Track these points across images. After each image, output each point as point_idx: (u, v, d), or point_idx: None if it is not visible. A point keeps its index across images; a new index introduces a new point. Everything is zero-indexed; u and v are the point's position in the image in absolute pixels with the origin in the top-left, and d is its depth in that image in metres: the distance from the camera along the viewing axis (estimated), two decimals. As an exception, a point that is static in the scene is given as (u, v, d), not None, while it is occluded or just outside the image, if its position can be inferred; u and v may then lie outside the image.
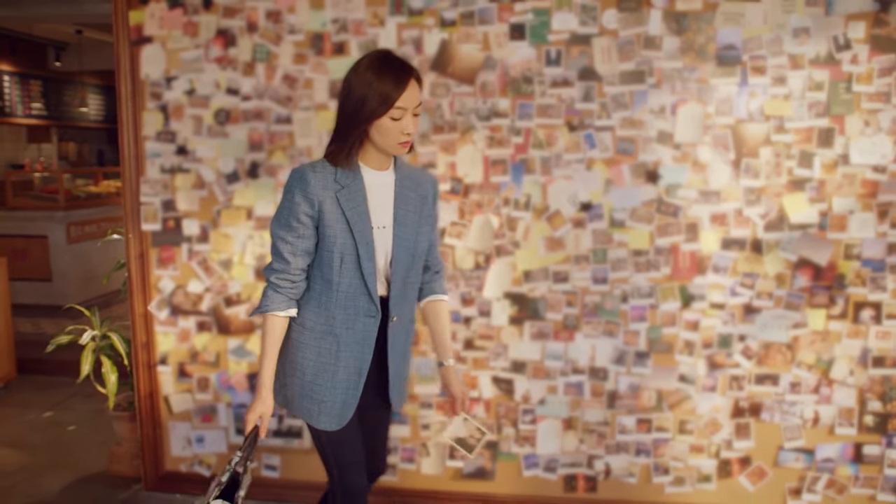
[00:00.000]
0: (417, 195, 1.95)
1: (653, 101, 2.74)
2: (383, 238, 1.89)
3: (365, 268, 1.85)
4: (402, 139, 1.81)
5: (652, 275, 2.81)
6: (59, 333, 3.42)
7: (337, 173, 1.85)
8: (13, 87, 8.61)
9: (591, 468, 2.94)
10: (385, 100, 1.75)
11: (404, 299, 1.97)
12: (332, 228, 1.84)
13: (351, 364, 1.91)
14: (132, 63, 2.94)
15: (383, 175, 1.91)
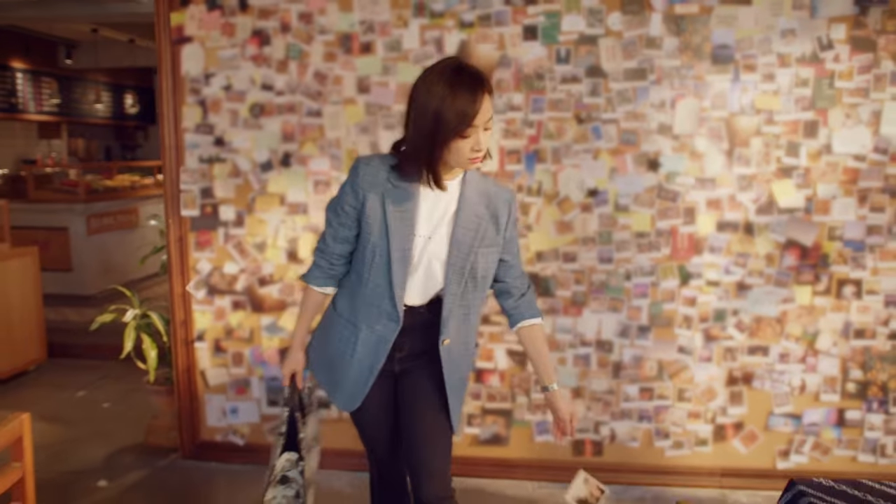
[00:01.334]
0: (486, 213, 1.86)
1: (654, 96, 3.00)
2: (424, 248, 1.83)
3: (395, 272, 1.80)
4: (473, 156, 1.72)
5: (653, 255, 3.07)
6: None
7: (390, 171, 1.81)
8: (26, 84, 8.83)
9: (597, 433, 3.20)
10: (462, 118, 1.65)
11: (462, 323, 1.90)
12: (371, 225, 1.81)
13: (364, 361, 1.90)
14: (173, 61, 3.18)
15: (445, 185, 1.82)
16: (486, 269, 1.88)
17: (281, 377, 2.11)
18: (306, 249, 3.19)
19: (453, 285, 1.84)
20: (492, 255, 1.88)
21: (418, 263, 1.83)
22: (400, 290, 1.81)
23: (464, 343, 1.94)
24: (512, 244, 1.96)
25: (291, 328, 3.26)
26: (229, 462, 3.39)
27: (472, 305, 1.90)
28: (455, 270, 1.83)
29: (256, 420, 3.37)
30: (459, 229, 1.82)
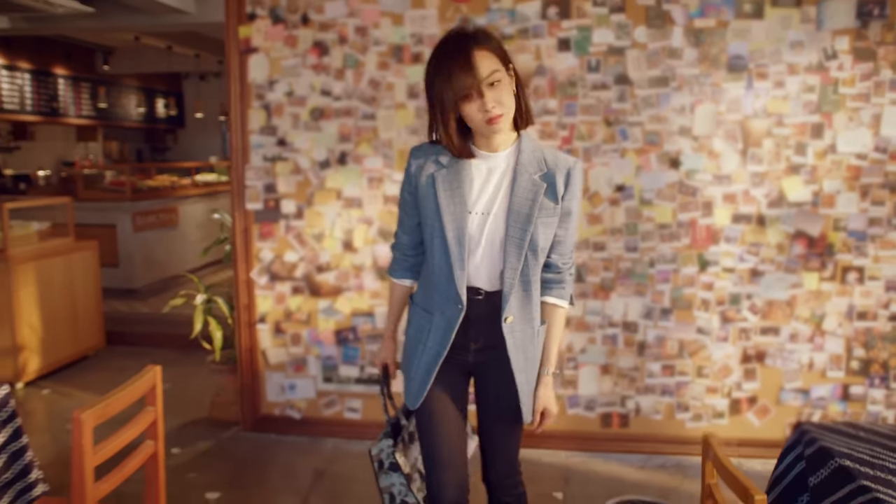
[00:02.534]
0: (542, 181, 1.77)
1: (675, 101, 3.33)
2: (484, 225, 1.78)
3: (452, 252, 1.77)
4: (486, 115, 1.68)
5: (674, 244, 3.40)
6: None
7: (441, 152, 1.81)
8: (67, 90, 9.24)
9: (623, 407, 3.52)
10: (450, 83, 1.67)
11: (523, 299, 1.83)
12: (425, 208, 1.82)
13: (433, 347, 1.85)
14: (241, 69, 3.54)
15: (496, 157, 1.80)
16: (545, 242, 1.80)
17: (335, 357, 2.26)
18: (360, 239, 3.54)
19: (512, 259, 1.76)
20: (550, 228, 1.80)
21: (478, 242, 1.78)
22: (459, 271, 1.77)
23: (528, 320, 1.85)
24: (568, 218, 1.83)
25: (346, 311, 3.61)
26: (286, 434, 3.73)
27: (532, 280, 1.82)
28: (514, 243, 1.76)
29: (312, 395, 3.71)
30: (516, 199, 1.75)
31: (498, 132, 1.74)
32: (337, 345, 3.63)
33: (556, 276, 1.89)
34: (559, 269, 1.88)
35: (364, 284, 3.57)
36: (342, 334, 3.62)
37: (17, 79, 8.34)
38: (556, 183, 1.78)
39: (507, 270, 1.78)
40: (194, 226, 7.81)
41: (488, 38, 1.72)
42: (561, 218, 1.82)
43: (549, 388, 1.94)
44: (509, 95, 1.71)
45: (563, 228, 1.84)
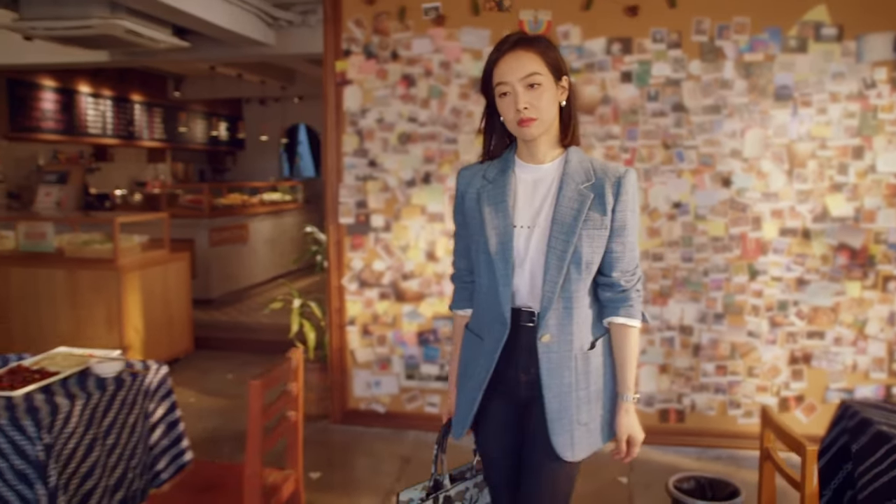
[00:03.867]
0: (590, 192, 1.69)
1: (727, 126, 3.70)
2: (529, 239, 1.71)
3: (497, 268, 1.71)
4: (518, 116, 1.65)
5: (726, 255, 3.75)
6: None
7: (487, 169, 1.79)
8: (142, 115, 9.89)
9: (679, 403, 3.87)
10: (486, 76, 1.70)
11: (565, 317, 1.71)
12: (472, 226, 1.78)
13: (480, 372, 1.78)
14: (337, 99, 4.00)
15: (541, 169, 1.75)
16: (591, 256, 1.69)
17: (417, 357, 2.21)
18: (442, 250, 3.96)
19: (553, 271, 1.67)
20: (598, 241, 1.69)
21: (524, 258, 1.71)
22: (503, 287, 1.70)
23: (567, 341, 1.71)
24: (623, 232, 1.71)
25: (428, 315, 4.03)
26: (371, 426, 4.14)
27: (574, 297, 1.70)
28: (555, 255, 1.66)
29: (396, 391, 4.12)
30: (560, 208, 1.67)
31: (528, 138, 1.69)
32: (419, 345, 4.04)
33: (622, 294, 1.75)
34: (623, 287, 1.75)
35: (444, 291, 3.98)
36: (424, 336, 4.03)
37: (101, 105, 8.99)
38: (604, 193, 1.68)
39: (546, 284, 1.68)
40: (262, 241, 8.32)
41: (541, 43, 1.68)
42: (615, 231, 1.71)
43: (630, 415, 1.78)
44: (549, 104, 1.66)
45: (620, 243, 1.72)
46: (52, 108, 8.20)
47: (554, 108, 1.69)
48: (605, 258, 1.73)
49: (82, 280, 4.90)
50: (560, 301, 1.70)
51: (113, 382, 2.47)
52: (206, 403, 4.66)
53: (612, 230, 1.71)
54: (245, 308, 7.39)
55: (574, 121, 1.77)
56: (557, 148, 1.76)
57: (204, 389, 4.92)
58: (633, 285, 1.77)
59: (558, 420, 1.72)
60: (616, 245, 1.72)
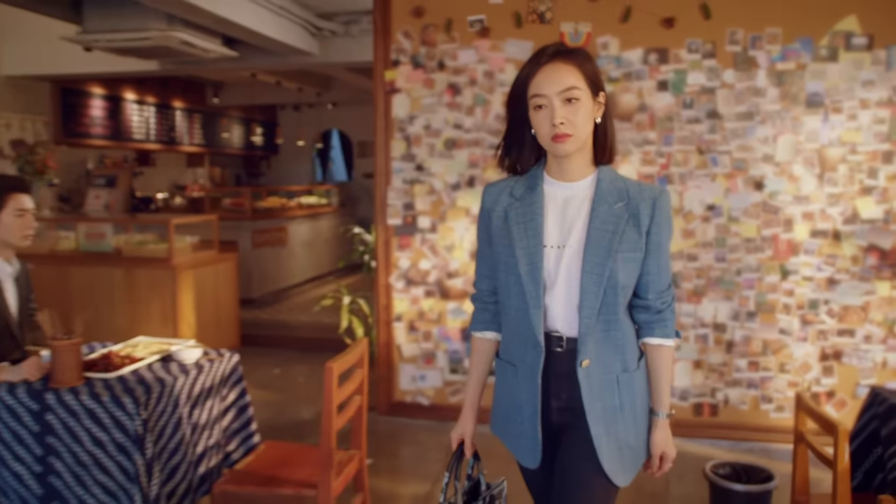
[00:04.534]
0: (624, 212, 1.64)
1: (759, 132, 3.87)
2: (559, 260, 1.65)
3: (527, 289, 1.64)
4: (553, 131, 1.58)
5: (758, 256, 3.92)
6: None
7: (515, 186, 1.73)
8: (182, 121, 10.21)
9: (713, 398, 4.03)
10: (520, 86, 1.64)
11: (603, 340, 1.66)
12: (498, 245, 1.71)
13: (530, 400, 1.70)
14: (386, 107, 4.22)
15: (572, 187, 1.69)
16: (627, 278, 1.65)
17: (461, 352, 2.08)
18: (485, 250, 4.16)
19: (590, 296, 1.62)
20: (633, 263, 1.65)
21: (555, 279, 1.65)
22: (535, 310, 1.64)
23: (607, 365, 1.67)
24: (658, 252, 1.68)
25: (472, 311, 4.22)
26: (416, 418, 4.35)
27: (613, 321, 1.66)
28: (592, 279, 1.61)
29: (440, 385, 4.32)
30: (594, 230, 1.62)
31: (562, 154, 1.63)
32: (462, 341, 4.24)
33: (657, 315, 1.73)
34: (659, 308, 1.72)
35: (487, 289, 4.18)
36: (467, 332, 4.23)
37: (145, 112, 9.32)
38: (639, 214, 1.65)
39: (584, 309, 1.63)
40: (299, 244, 8.59)
41: (579, 55, 1.63)
42: (650, 252, 1.67)
43: (664, 431, 1.77)
44: (585, 120, 1.61)
45: (655, 264, 1.68)
46: (100, 115, 8.53)
47: (590, 124, 1.63)
48: (640, 280, 1.69)
49: (139, 278, 5.17)
50: (598, 325, 1.65)
51: (194, 368, 2.71)
52: (257, 396, 4.89)
53: (646, 251, 1.67)
54: (284, 308, 7.65)
55: (611, 139, 1.71)
56: (590, 166, 1.70)
57: (253, 383, 5.15)
58: (668, 305, 1.74)
59: (606, 445, 1.67)
60: (651, 266, 1.68)
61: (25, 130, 7.48)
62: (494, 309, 1.83)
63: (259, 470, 2.60)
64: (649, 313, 1.73)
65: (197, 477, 2.65)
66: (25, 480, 2.45)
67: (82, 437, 2.40)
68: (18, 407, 2.42)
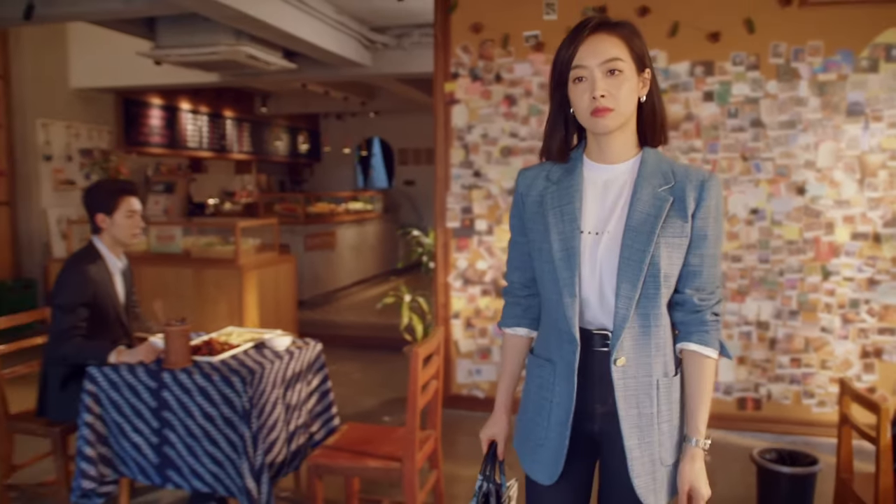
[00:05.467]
0: (667, 195, 1.50)
1: (801, 140, 4.08)
2: (597, 247, 1.52)
3: (562, 279, 1.51)
4: (594, 105, 1.46)
5: (801, 257, 4.12)
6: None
7: (551, 170, 1.60)
8: (232, 129, 10.62)
9: (756, 393, 4.24)
10: (561, 63, 1.52)
11: (641, 337, 1.52)
12: (533, 231, 1.60)
13: (563, 402, 1.56)
14: (445, 117, 4.50)
15: (613, 169, 1.56)
16: (669, 267, 1.50)
17: None
18: (538, 251, 4.41)
19: (626, 285, 1.48)
20: (677, 250, 1.51)
21: (592, 269, 1.52)
22: (569, 299, 1.51)
23: (645, 366, 1.52)
24: (702, 243, 1.52)
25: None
26: (473, 410, 4.61)
27: (652, 314, 1.51)
28: (630, 265, 1.48)
29: (495, 379, 4.57)
30: (636, 213, 1.49)
31: (602, 131, 1.50)
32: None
33: (695, 315, 1.55)
34: (698, 307, 1.54)
35: (540, 288, 4.43)
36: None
37: (198, 121, 9.74)
38: (685, 198, 1.50)
39: (620, 299, 1.48)
40: (347, 248, 8.91)
41: (625, 28, 1.51)
42: (694, 242, 1.52)
43: (696, 463, 1.53)
44: (629, 94, 1.48)
45: (698, 255, 1.52)
46: (158, 125, 8.96)
47: (633, 100, 1.50)
48: (680, 272, 1.54)
49: (207, 277, 5.51)
50: (636, 319, 1.50)
51: (285, 354, 3.00)
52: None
53: (690, 240, 1.52)
54: (333, 309, 7.97)
55: (660, 117, 1.58)
56: (633, 147, 1.57)
57: (314, 377, 5.46)
58: (708, 306, 1.55)
59: (639, 458, 1.53)
60: (693, 257, 1.53)
61: (92, 139, 7.91)
62: (526, 303, 1.72)
63: (347, 446, 2.87)
64: (685, 311, 1.55)
65: (290, 452, 2.94)
66: (143, 450, 2.77)
67: (194, 412, 2.70)
68: (138, 385, 2.74)
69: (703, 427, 1.53)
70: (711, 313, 1.56)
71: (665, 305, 1.54)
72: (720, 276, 1.60)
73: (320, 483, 2.75)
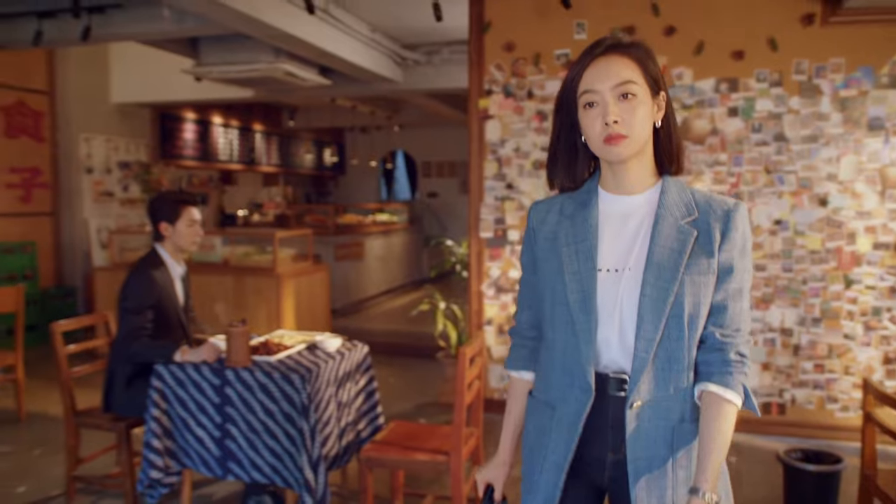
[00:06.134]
0: (692, 229, 1.42)
1: (823, 154, 4.24)
2: (617, 285, 1.43)
3: (577, 322, 1.43)
4: (606, 132, 1.38)
5: (823, 266, 4.27)
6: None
7: (565, 203, 1.53)
8: (261, 143, 10.90)
9: (781, 398, 4.38)
10: (570, 85, 1.44)
11: (661, 381, 1.42)
12: (544, 269, 1.52)
13: (559, 449, 1.47)
14: (479, 131, 4.71)
15: (630, 200, 1.48)
16: (695, 306, 1.40)
17: None
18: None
19: (647, 326, 1.39)
20: (704, 289, 1.41)
21: (611, 309, 1.43)
22: (586, 346, 1.42)
23: (664, 412, 1.42)
24: (728, 277, 1.43)
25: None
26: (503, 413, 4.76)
27: (674, 357, 1.41)
28: (652, 303, 1.39)
29: (525, 382, 4.74)
30: (657, 248, 1.41)
31: (616, 159, 1.42)
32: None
33: (717, 354, 1.42)
34: (721, 344, 1.42)
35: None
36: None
37: (229, 135, 10.02)
38: (710, 231, 1.42)
39: (640, 341, 1.40)
40: (374, 258, 9.13)
41: (638, 49, 1.43)
42: (719, 276, 1.42)
43: None
44: (644, 120, 1.40)
45: (722, 290, 1.43)
46: (191, 138, 9.24)
47: (648, 126, 1.43)
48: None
49: (246, 285, 5.73)
50: (656, 361, 1.40)
51: (336, 354, 3.20)
52: (354, 393, 5.39)
53: (719, 273, 1.43)
54: (362, 317, 8.17)
55: (676, 144, 1.49)
56: (651, 176, 1.49)
57: (349, 382, 5.66)
58: (733, 344, 1.42)
59: None
60: (717, 292, 1.43)
61: (130, 152, 8.19)
62: (533, 345, 1.63)
63: (395, 441, 3.06)
64: (707, 349, 1.43)
65: (341, 447, 3.13)
66: (206, 444, 2.97)
67: (255, 407, 2.90)
68: (203, 382, 2.94)
69: (714, 479, 1.36)
70: (736, 352, 1.42)
71: (689, 349, 1.42)
72: (748, 313, 1.47)
73: (371, 475, 2.94)
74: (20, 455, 4.11)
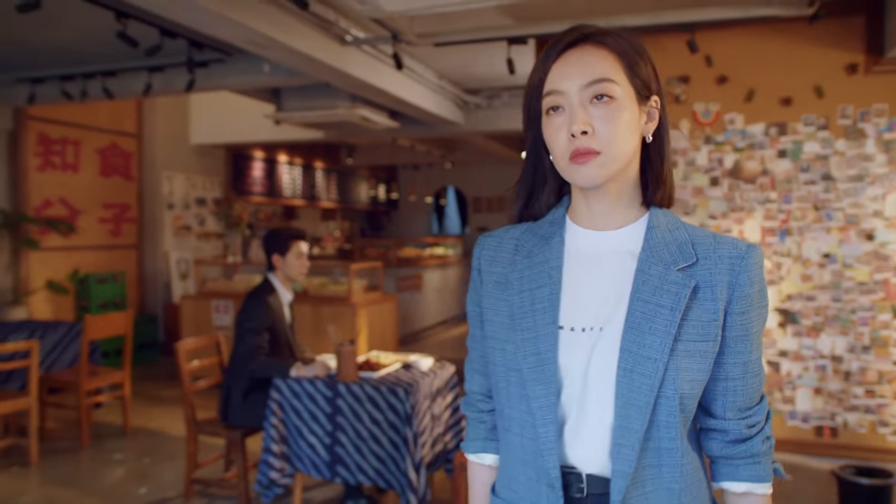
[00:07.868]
0: (688, 280, 1.06)
1: (869, 192, 4.56)
2: (588, 350, 1.06)
3: (532, 397, 1.06)
4: (572, 145, 1.03)
5: (871, 297, 4.57)
6: None
7: (522, 237, 1.17)
8: (321, 179, 11.48)
9: (833, 421, 4.65)
10: (534, 84, 1.11)
11: (653, 485, 1.06)
12: (493, 323, 1.15)
13: None
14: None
15: (606, 238, 1.13)
16: (690, 386, 1.06)
17: None
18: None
19: (631, 411, 1.03)
20: (702, 361, 1.07)
21: (579, 383, 1.06)
22: (544, 429, 1.06)
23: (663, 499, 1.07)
24: (744, 345, 1.10)
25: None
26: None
27: (668, 450, 1.06)
28: (634, 381, 1.03)
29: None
30: (639, 304, 1.05)
31: (586, 184, 1.06)
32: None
33: (743, 447, 1.13)
34: (744, 436, 1.13)
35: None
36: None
37: (293, 171, 10.62)
38: (713, 283, 1.07)
39: (622, 432, 1.04)
40: (431, 290, 9.56)
41: (620, 40, 1.08)
42: (731, 345, 1.10)
43: None
44: (626, 132, 1.05)
45: (739, 364, 1.11)
46: (259, 175, 9.84)
47: (631, 140, 1.07)
48: (715, 387, 1.12)
49: (324, 313, 6.18)
50: (645, 458, 1.05)
51: (430, 372, 3.60)
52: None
53: (724, 342, 1.09)
54: (423, 346, 8.58)
55: (667, 167, 1.14)
56: (635, 207, 1.13)
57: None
58: (759, 430, 1.14)
59: None
60: (732, 368, 1.11)
61: (206, 189, 8.80)
62: (492, 422, 1.26)
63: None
64: (728, 443, 1.14)
65: (434, 455, 3.52)
66: (317, 449, 3.38)
67: (363, 417, 3.31)
68: (317, 394, 3.37)
69: None
70: (763, 438, 1.13)
71: (685, 435, 1.09)
72: (764, 380, 1.15)
73: (463, 478, 3.31)
74: (133, 463, 4.57)
